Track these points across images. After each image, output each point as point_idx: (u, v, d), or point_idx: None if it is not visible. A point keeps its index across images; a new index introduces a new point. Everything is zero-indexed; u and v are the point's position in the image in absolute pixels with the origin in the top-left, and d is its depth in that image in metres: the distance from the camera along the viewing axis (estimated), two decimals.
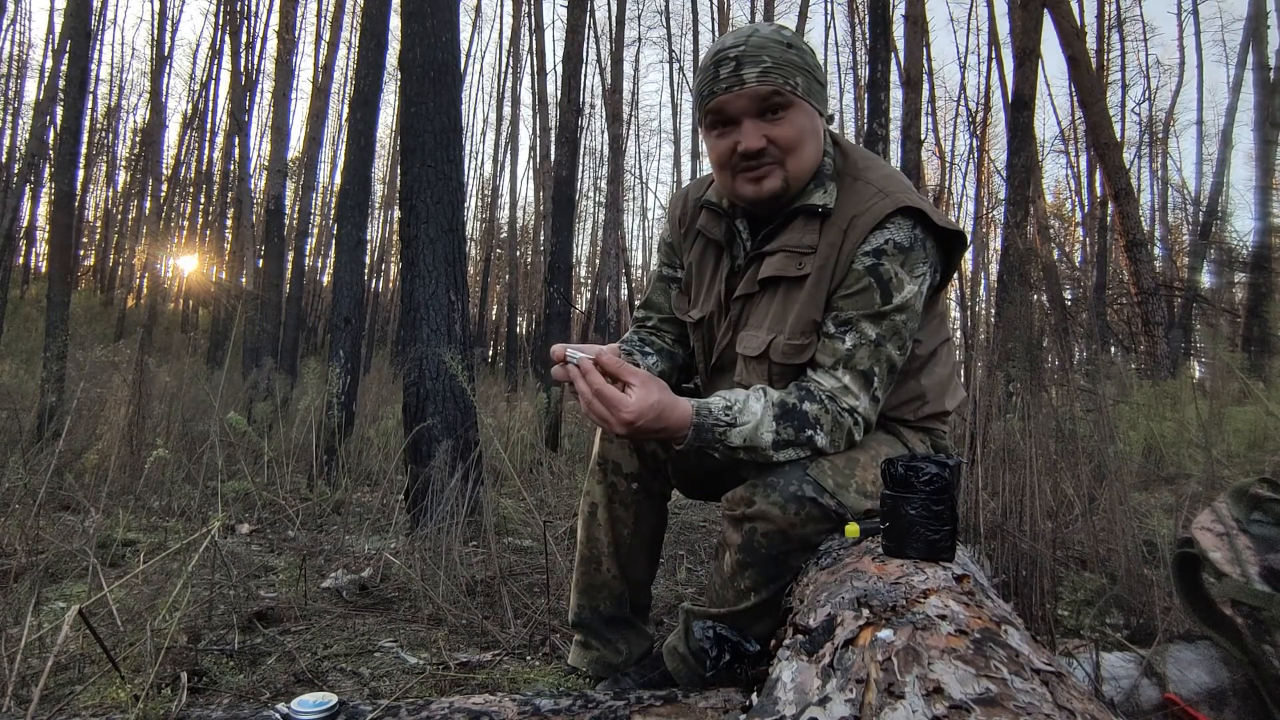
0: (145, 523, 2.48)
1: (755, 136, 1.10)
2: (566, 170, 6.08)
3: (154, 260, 16.14)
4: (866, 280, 1.11)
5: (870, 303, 1.11)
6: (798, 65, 1.10)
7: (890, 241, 1.11)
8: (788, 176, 1.13)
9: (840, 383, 1.12)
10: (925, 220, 1.12)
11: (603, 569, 1.36)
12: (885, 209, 1.11)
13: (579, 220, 21.37)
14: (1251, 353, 7.62)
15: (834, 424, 1.11)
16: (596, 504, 1.36)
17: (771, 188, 1.13)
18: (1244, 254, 9.35)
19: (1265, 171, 9.01)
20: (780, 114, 1.10)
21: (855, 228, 1.12)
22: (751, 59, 1.08)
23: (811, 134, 1.13)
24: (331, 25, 11.47)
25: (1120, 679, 1.20)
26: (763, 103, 1.09)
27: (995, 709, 0.50)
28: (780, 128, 1.11)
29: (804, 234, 1.16)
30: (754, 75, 1.08)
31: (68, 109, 4.63)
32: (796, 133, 1.11)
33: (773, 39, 1.10)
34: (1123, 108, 16.08)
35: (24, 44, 17.28)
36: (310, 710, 0.98)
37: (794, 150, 1.11)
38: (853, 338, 1.12)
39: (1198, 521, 1.24)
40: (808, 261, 1.15)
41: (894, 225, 1.11)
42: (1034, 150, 7.86)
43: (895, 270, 1.11)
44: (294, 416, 4.02)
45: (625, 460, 1.33)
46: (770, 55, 1.09)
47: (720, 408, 1.07)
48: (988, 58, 15.80)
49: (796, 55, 1.10)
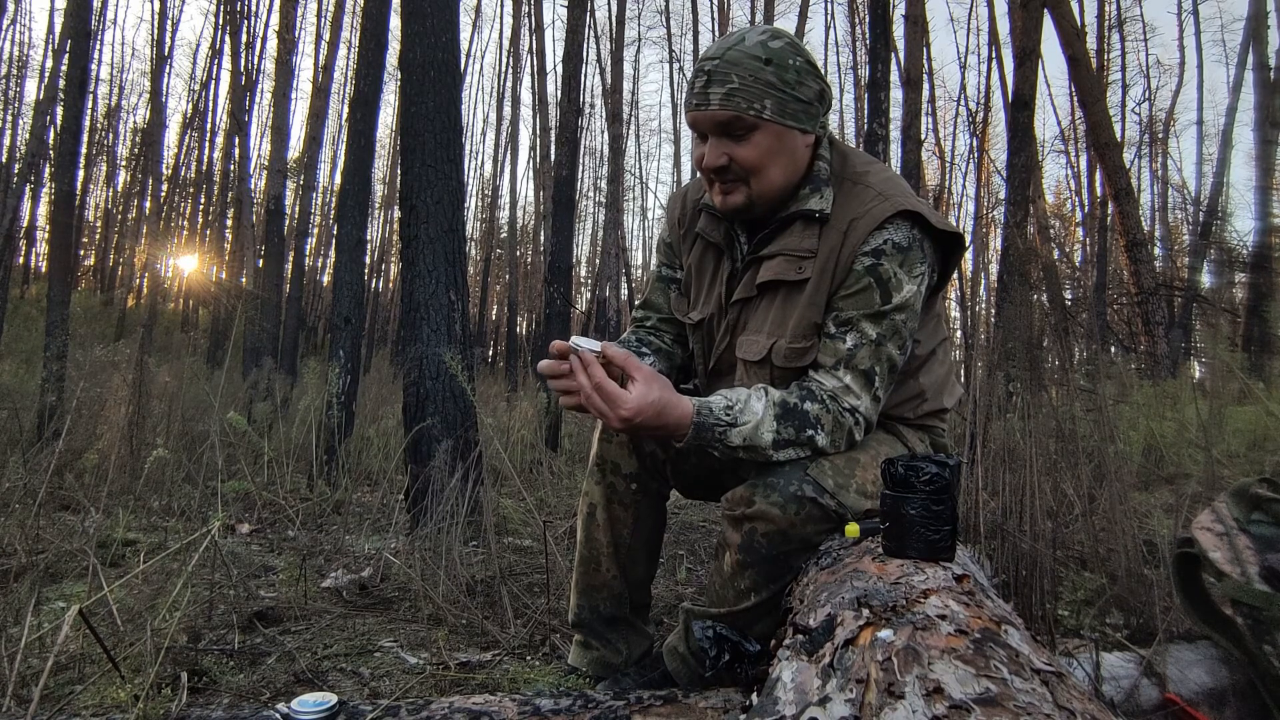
0: (145, 523, 2.48)
1: (716, 154, 1.11)
2: (566, 170, 6.08)
3: (154, 260, 16.12)
4: (866, 280, 1.12)
5: (870, 302, 1.12)
6: (770, 86, 1.07)
7: (889, 242, 1.11)
8: (751, 195, 1.14)
9: (842, 382, 1.12)
10: (923, 222, 1.12)
11: (602, 569, 1.36)
12: (884, 212, 1.11)
13: (579, 220, 21.37)
14: (1251, 353, 7.62)
15: (835, 424, 1.11)
16: (595, 504, 1.35)
17: (734, 203, 1.15)
18: (1244, 254, 9.35)
19: (1265, 171, 9.01)
20: (743, 135, 1.10)
21: (855, 230, 1.12)
22: (720, 78, 1.07)
23: (779, 154, 1.12)
24: (331, 25, 11.47)
25: (1120, 679, 1.20)
26: (724, 125, 1.09)
27: (995, 709, 0.50)
28: (741, 149, 1.10)
29: (803, 238, 1.16)
30: (718, 98, 1.07)
31: (68, 109, 4.63)
32: (757, 155, 1.10)
33: (749, 54, 1.07)
34: (1123, 108, 16.08)
35: (24, 44, 17.26)
36: (310, 710, 0.98)
37: (756, 172, 1.11)
38: (854, 337, 1.12)
39: (1198, 521, 1.24)
40: (807, 265, 1.15)
41: (892, 227, 1.12)
42: (1034, 150, 7.85)
43: (894, 270, 1.11)
44: (294, 416, 4.02)
45: (624, 461, 1.33)
46: (740, 75, 1.07)
47: (721, 407, 1.07)
48: (988, 58, 15.82)
49: (773, 73, 1.07)
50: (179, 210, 19.57)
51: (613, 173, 11.71)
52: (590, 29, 13.55)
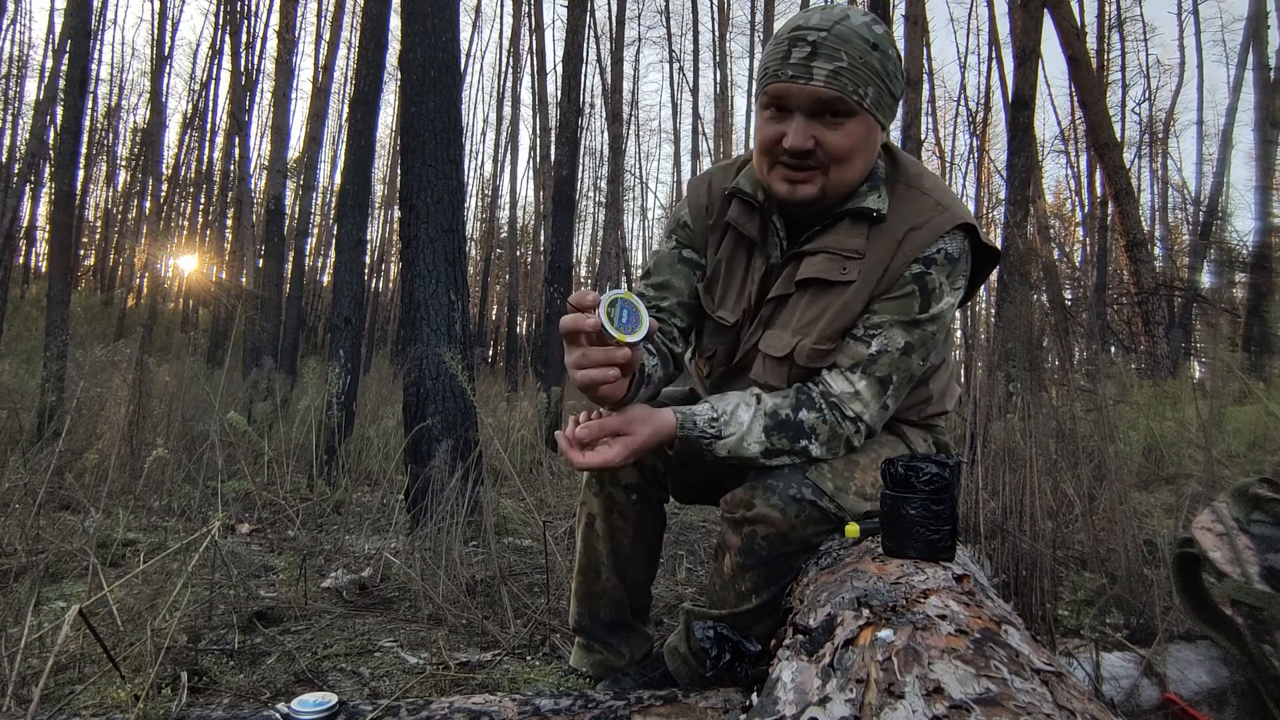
0: (145, 523, 2.48)
1: (803, 136, 1.01)
2: (566, 170, 6.08)
3: (154, 260, 16.13)
4: (911, 288, 1.08)
5: (909, 309, 1.08)
6: (874, 73, 1.01)
7: (942, 252, 1.08)
8: (827, 185, 1.06)
9: (853, 388, 1.09)
10: (974, 235, 1.10)
11: (602, 578, 1.33)
12: (944, 224, 1.07)
13: (579, 220, 21.37)
14: (1251, 353, 7.63)
15: (831, 434, 1.08)
16: (594, 515, 1.31)
17: (806, 193, 1.06)
18: (1244, 254, 9.36)
19: (1265, 171, 9.02)
20: (838, 120, 1.02)
21: (911, 240, 1.07)
22: (828, 53, 0.98)
23: (866, 147, 1.05)
24: (331, 25, 11.47)
25: (1120, 679, 1.20)
26: (823, 105, 1.00)
27: (995, 709, 0.50)
28: (834, 134, 1.02)
29: (850, 236, 1.09)
30: (823, 74, 0.98)
31: (68, 109, 4.63)
32: (850, 144, 1.03)
33: (859, 34, 0.99)
34: (1123, 108, 16.09)
35: (24, 44, 17.27)
36: (310, 710, 0.98)
37: (841, 162, 1.04)
38: (879, 343, 1.09)
39: (1198, 521, 1.24)
40: (852, 267, 1.09)
41: (948, 237, 1.08)
42: (1034, 150, 7.86)
43: (941, 280, 1.08)
44: (294, 416, 4.02)
45: (624, 472, 1.28)
46: (849, 54, 0.99)
47: (705, 420, 1.05)
48: (988, 58, 15.83)
49: (879, 60, 1.01)
50: (179, 210, 19.58)
51: (613, 173, 11.71)
52: (590, 29, 13.56)
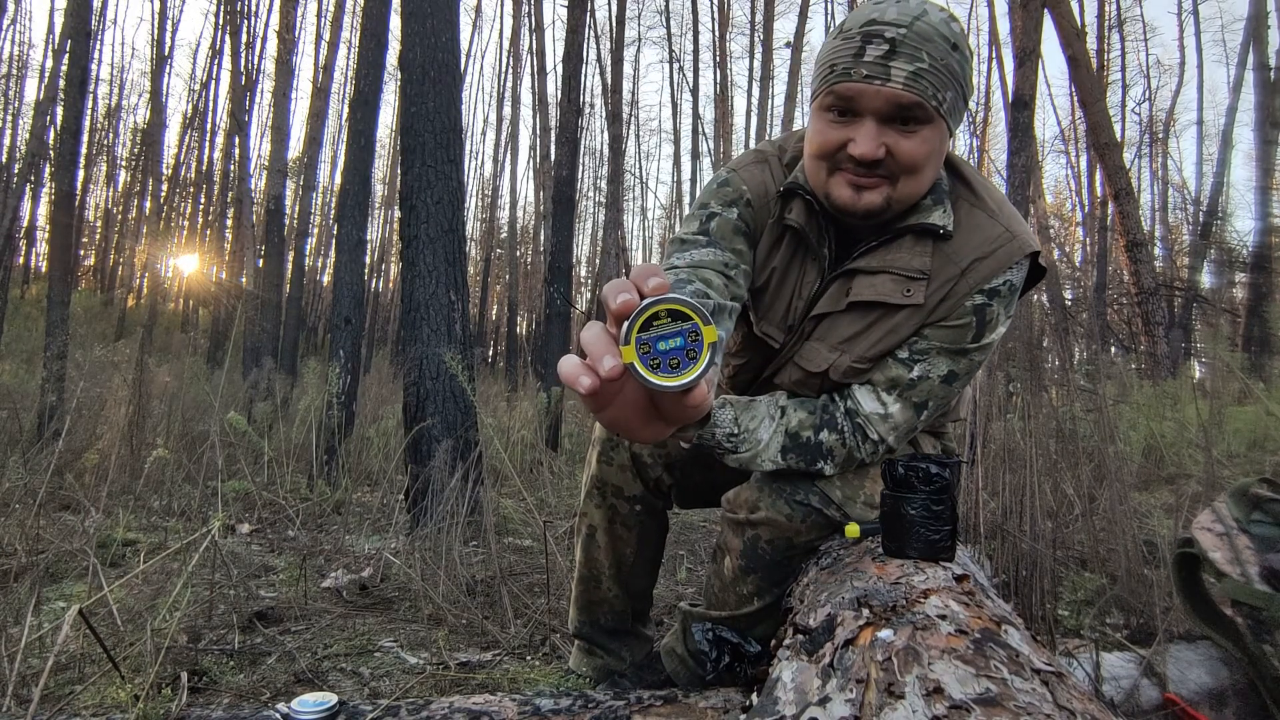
0: (145, 523, 2.48)
1: (873, 143, 0.92)
2: (566, 170, 6.08)
3: (154, 260, 16.14)
4: (969, 319, 1.01)
5: (961, 338, 1.02)
6: (953, 77, 0.92)
7: (1008, 284, 1.01)
8: (893, 197, 0.96)
9: (884, 409, 1.03)
10: (1035, 259, 1.04)
11: (602, 587, 1.32)
12: (1013, 255, 1.00)
13: (579, 220, 21.37)
14: (1251, 353, 7.63)
15: (848, 458, 1.04)
16: (595, 527, 1.27)
17: (871, 202, 0.96)
18: (1244, 254, 9.37)
19: (1265, 171, 9.03)
20: (914, 127, 0.92)
21: (976, 271, 1.00)
22: (909, 53, 0.89)
23: (937, 156, 0.96)
24: (331, 25, 11.46)
25: (1120, 679, 1.20)
26: (900, 110, 0.91)
27: (995, 709, 0.50)
28: (908, 142, 0.92)
29: (914, 255, 1.01)
30: (903, 75, 0.89)
31: (68, 109, 4.63)
32: (924, 154, 0.93)
33: (940, 32, 0.90)
34: (1123, 108, 16.11)
35: (24, 44, 17.29)
36: (310, 710, 0.98)
37: (912, 172, 0.94)
38: (922, 368, 1.02)
39: (1198, 521, 1.24)
40: (916, 289, 1.00)
41: (1016, 267, 1.01)
42: (1034, 150, 7.86)
43: (1000, 311, 1.01)
44: (294, 416, 4.02)
45: (627, 484, 1.24)
46: (931, 54, 0.89)
47: (724, 434, 1.02)
48: (988, 58, 15.80)
49: (958, 62, 0.92)
50: (179, 210, 19.56)
51: (613, 173, 11.71)
52: (590, 29, 13.55)
